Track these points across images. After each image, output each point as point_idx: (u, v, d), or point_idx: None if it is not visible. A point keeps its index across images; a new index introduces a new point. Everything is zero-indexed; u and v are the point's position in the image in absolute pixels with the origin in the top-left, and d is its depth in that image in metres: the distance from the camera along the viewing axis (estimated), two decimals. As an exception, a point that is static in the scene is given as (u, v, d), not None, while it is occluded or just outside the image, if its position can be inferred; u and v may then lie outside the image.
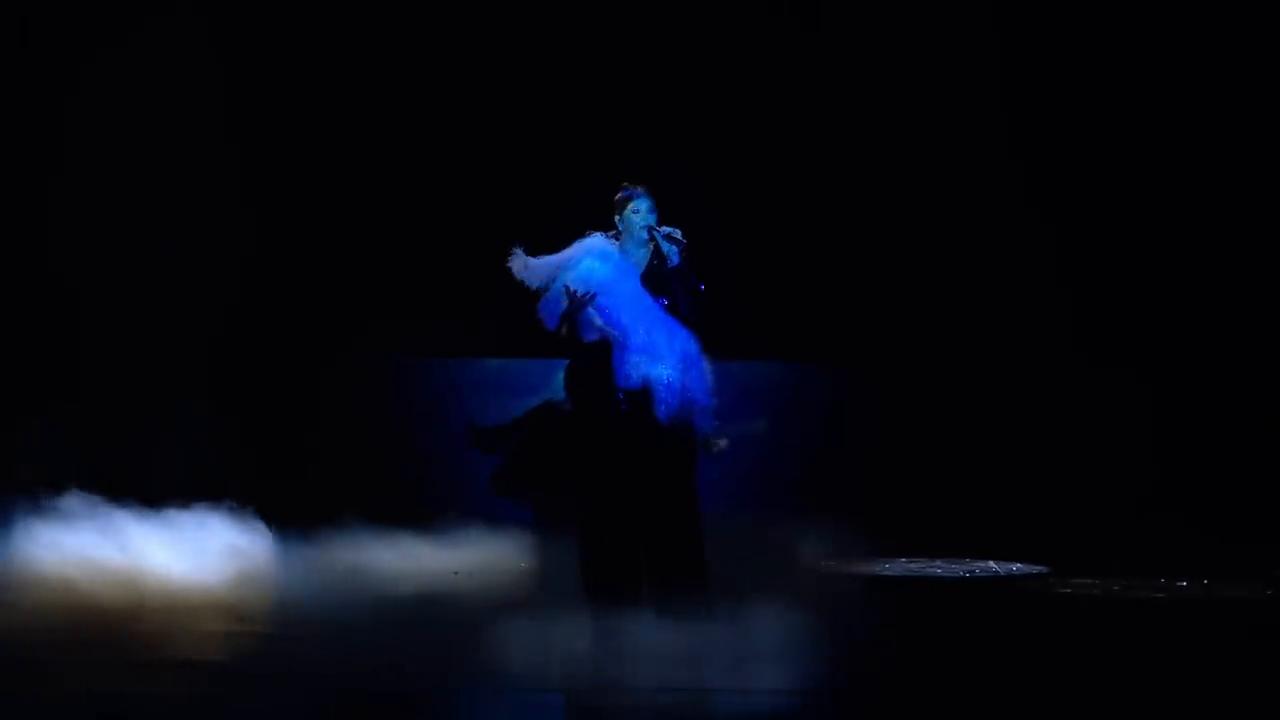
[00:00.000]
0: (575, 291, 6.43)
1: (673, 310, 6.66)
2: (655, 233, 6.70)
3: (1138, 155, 10.49)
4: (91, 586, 7.12)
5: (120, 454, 9.14)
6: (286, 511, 8.53)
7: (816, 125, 10.53)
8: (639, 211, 6.73)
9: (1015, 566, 9.42)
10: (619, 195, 6.80)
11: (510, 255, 6.64)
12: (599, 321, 6.55)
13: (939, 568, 9.46)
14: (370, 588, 7.90)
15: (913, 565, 9.55)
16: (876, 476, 10.54)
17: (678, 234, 6.68)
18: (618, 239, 6.77)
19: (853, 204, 10.52)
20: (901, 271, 10.54)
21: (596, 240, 6.70)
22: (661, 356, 6.53)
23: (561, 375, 9.85)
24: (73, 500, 7.65)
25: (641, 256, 6.78)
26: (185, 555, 7.64)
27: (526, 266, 6.62)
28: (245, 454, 9.60)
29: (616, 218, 6.79)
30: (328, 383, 10.57)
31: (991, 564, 9.51)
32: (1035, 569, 9.32)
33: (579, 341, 6.62)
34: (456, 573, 8.65)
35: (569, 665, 6.02)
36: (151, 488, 8.08)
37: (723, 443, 6.65)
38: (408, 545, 8.97)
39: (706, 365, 6.63)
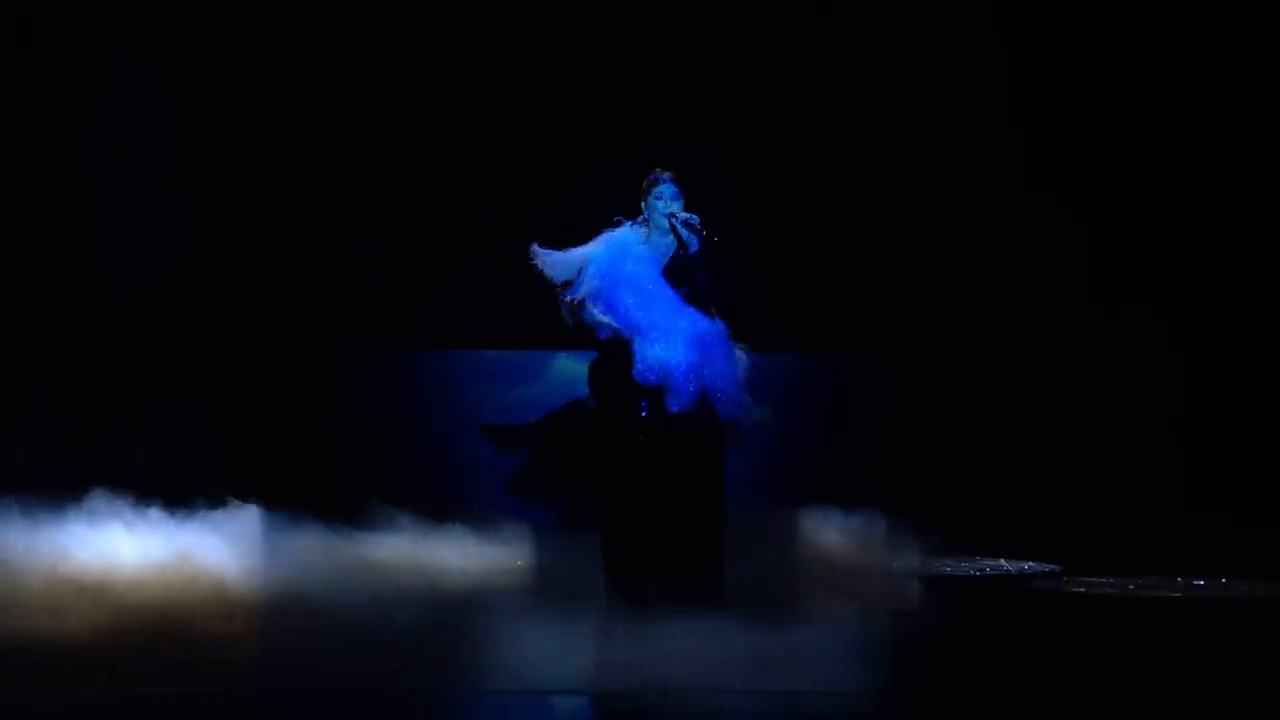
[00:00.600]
0: (569, 300, 6.57)
1: (694, 299, 6.65)
2: (674, 220, 6.70)
3: (1148, 135, 10.39)
4: (91, 585, 7.01)
5: (115, 451, 9.05)
6: (283, 509, 8.41)
7: (816, 120, 10.44)
8: (661, 198, 6.76)
9: (1027, 565, 9.36)
10: (645, 181, 6.82)
11: (530, 254, 6.68)
12: (604, 319, 6.60)
13: (948, 566, 9.36)
14: (375, 586, 7.78)
15: (921, 564, 9.45)
16: (884, 472, 10.42)
17: (695, 221, 6.68)
18: (645, 226, 6.80)
19: (855, 195, 10.44)
20: (911, 261, 10.46)
21: (622, 230, 6.76)
22: (672, 338, 6.53)
23: (558, 364, 9.91)
24: (70, 497, 7.55)
25: (665, 244, 6.80)
26: (186, 553, 7.53)
27: (546, 262, 6.67)
28: (239, 450, 9.51)
29: (643, 204, 6.82)
30: (326, 378, 10.45)
31: (1003, 562, 9.43)
32: (1047, 567, 9.26)
33: (597, 339, 6.66)
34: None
35: (582, 666, 5.94)
36: (147, 486, 7.96)
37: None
38: (415, 543, 8.87)
39: (740, 355, 6.69)
